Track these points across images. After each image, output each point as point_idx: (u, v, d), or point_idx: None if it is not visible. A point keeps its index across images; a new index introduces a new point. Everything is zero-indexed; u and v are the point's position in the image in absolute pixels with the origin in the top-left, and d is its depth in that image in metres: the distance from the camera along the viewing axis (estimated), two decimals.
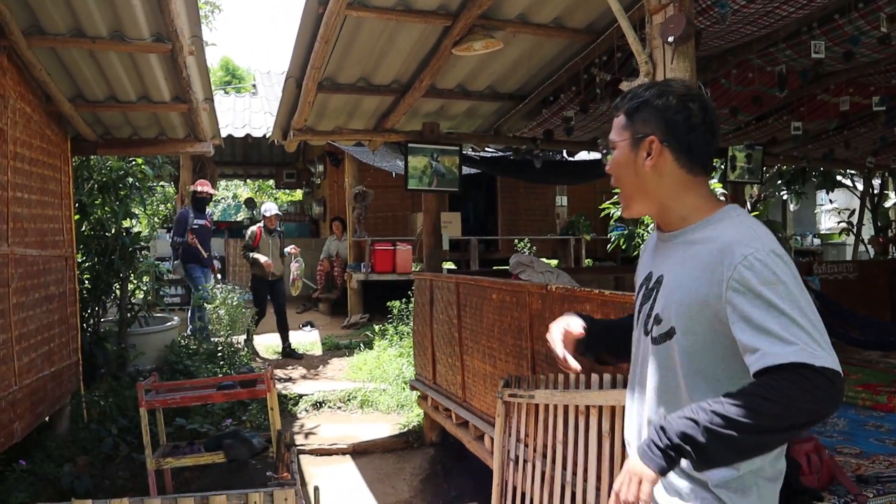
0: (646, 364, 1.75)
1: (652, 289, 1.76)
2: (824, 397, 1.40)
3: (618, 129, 1.78)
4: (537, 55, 5.33)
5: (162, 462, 5.00)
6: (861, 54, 4.82)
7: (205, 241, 9.47)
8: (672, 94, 1.70)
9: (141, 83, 5.86)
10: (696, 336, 1.60)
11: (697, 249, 1.64)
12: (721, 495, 1.59)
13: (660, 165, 1.70)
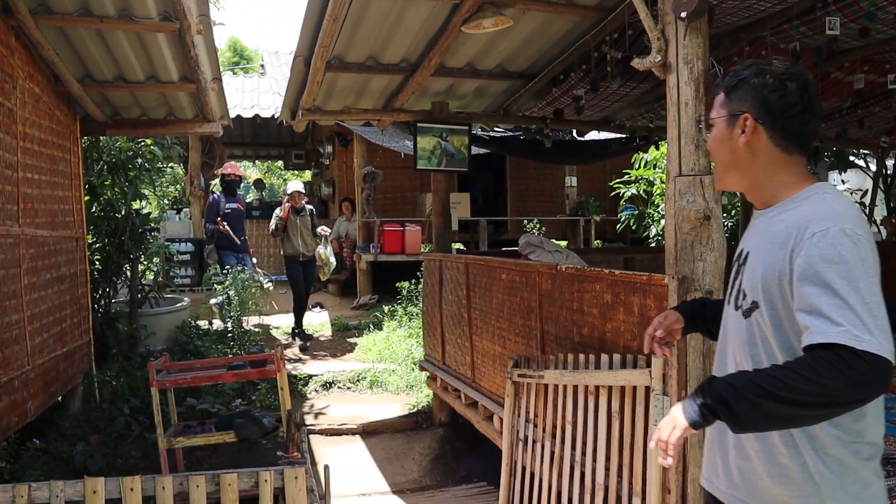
0: (736, 336, 1.78)
1: (741, 264, 1.80)
2: (861, 381, 1.40)
3: (716, 107, 1.81)
4: (547, 33, 5.28)
5: (173, 441, 5.04)
6: (877, 31, 4.73)
7: (238, 225, 9.42)
8: (770, 72, 1.71)
9: (149, 63, 5.84)
10: (775, 310, 1.64)
11: (777, 225, 1.67)
12: (818, 475, 1.61)
13: (753, 143, 1.73)
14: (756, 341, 1.70)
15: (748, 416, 1.50)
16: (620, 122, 7.04)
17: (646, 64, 3.04)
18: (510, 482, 4.14)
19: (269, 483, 2.73)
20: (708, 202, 2.87)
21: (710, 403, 1.53)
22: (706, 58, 2.92)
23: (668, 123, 2.98)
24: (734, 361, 1.78)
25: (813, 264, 1.52)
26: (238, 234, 9.37)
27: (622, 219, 11.25)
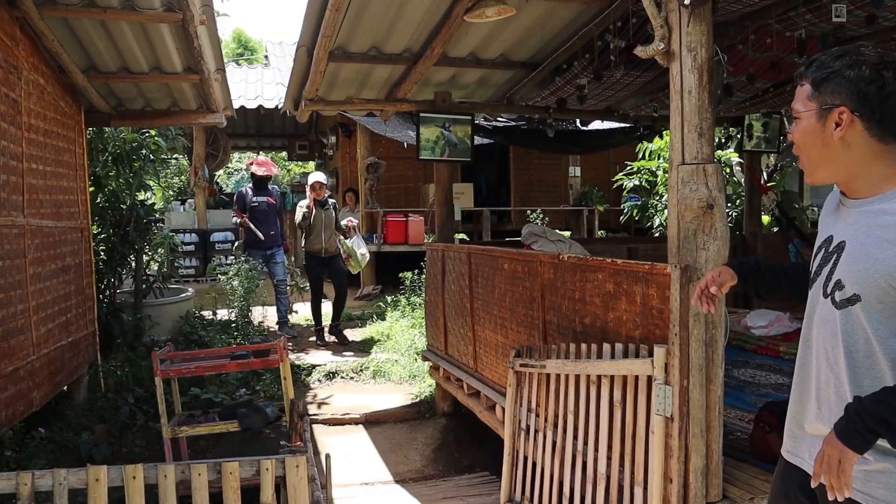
0: (828, 325, 1.78)
1: (832, 252, 1.78)
2: None
3: (803, 99, 1.77)
4: (550, 22, 5.25)
5: (177, 431, 5.06)
6: (885, 18, 4.69)
7: (267, 221, 8.82)
8: (865, 63, 1.67)
9: (153, 54, 5.84)
10: (884, 304, 1.64)
11: (886, 221, 1.66)
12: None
13: (849, 136, 1.70)
14: (854, 332, 1.71)
15: None
16: (624, 112, 7.02)
17: (649, 52, 3.03)
18: (512, 471, 4.15)
19: (270, 471, 2.74)
20: (711, 191, 2.86)
21: (873, 427, 1.55)
22: (710, 45, 2.91)
23: (671, 112, 2.97)
24: (824, 351, 1.80)
25: None
26: (267, 230, 8.76)
27: (626, 209, 11.22)
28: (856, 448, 1.59)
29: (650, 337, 3.08)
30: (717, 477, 2.99)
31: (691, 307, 2.84)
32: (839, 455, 1.61)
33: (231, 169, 22.00)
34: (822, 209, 2.02)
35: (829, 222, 1.90)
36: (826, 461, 1.64)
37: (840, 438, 1.61)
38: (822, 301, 1.80)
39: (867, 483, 1.71)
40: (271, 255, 8.87)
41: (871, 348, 1.68)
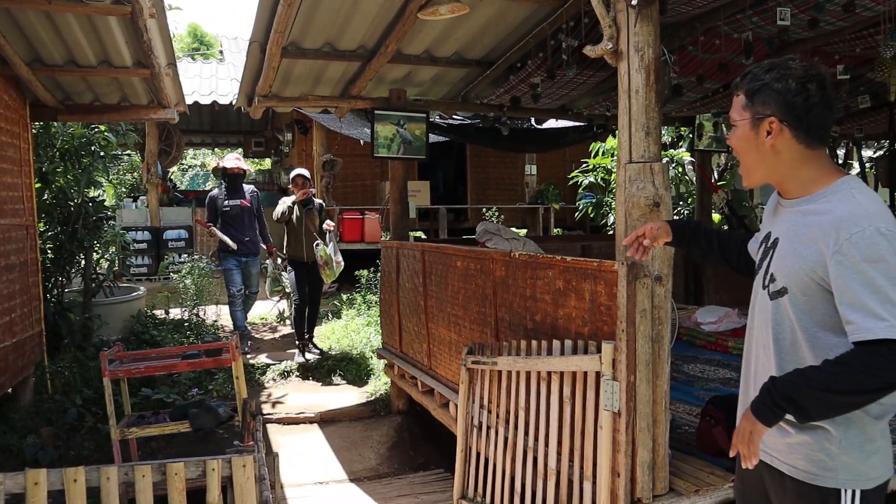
0: (763, 313, 1.96)
1: (769, 248, 1.96)
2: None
3: (738, 109, 1.92)
4: (504, 20, 5.27)
5: (126, 432, 4.97)
6: (826, 22, 4.83)
7: (241, 226, 7.94)
8: (792, 76, 1.82)
9: (101, 47, 5.71)
10: (807, 297, 1.80)
11: (811, 220, 1.81)
12: (828, 426, 1.81)
13: (779, 143, 1.85)
14: (781, 321, 1.88)
15: (814, 409, 1.72)
16: (578, 111, 7.08)
17: (597, 51, 3.06)
18: (465, 468, 4.16)
19: (216, 472, 2.70)
20: (657, 189, 2.91)
21: (781, 403, 1.73)
22: (657, 45, 2.95)
23: (619, 111, 3.01)
24: (762, 339, 1.97)
25: (854, 263, 1.67)
26: (240, 236, 7.88)
27: (580, 207, 11.33)
28: (765, 422, 1.77)
29: (599, 333, 3.12)
30: (663, 470, 3.04)
31: (638, 303, 2.88)
32: (751, 427, 1.80)
33: (185, 165, 21.69)
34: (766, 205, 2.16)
35: (769, 220, 2.05)
36: (741, 433, 1.83)
37: (753, 413, 1.79)
38: (761, 292, 1.98)
39: (790, 455, 1.89)
40: (246, 264, 8.05)
41: (795, 337, 1.85)
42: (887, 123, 7.59)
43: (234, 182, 8.01)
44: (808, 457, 1.85)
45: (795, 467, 1.88)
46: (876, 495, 1.86)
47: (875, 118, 7.77)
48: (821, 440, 1.83)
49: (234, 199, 7.94)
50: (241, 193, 8.03)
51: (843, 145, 10.71)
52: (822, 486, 1.84)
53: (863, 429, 1.81)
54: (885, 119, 7.57)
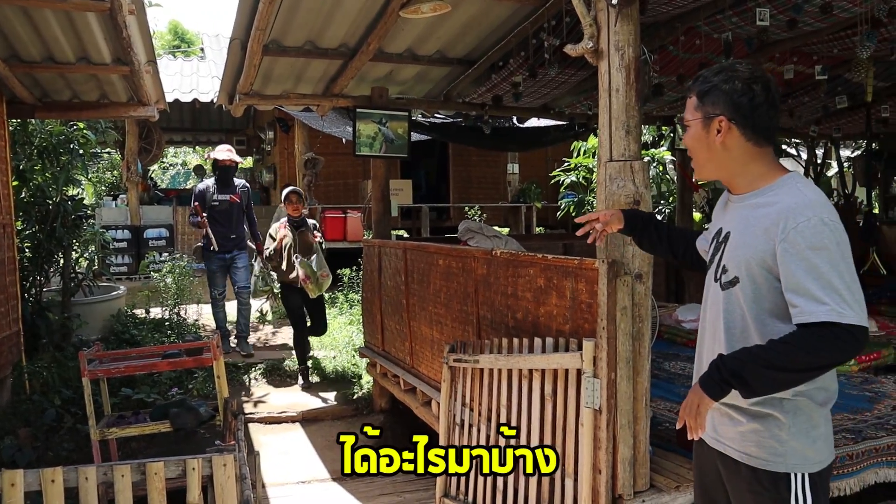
0: (716, 305, 2.06)
1: (721, 242, 2.06)
2: (845, 348, 1.75)
3: (690, 110, 2.07)
4: (486, 19, 5.28)
5: (106, 432, 4.92)
6: (804, 23, 4.88)
7: (228, 222, 7.60)
8: (738, 78, 1.96)
9: (79, 43, 5.64)
10: (757, 285, 1.91)
11: (760, 213, 1.93)
12: (778, 414, 1.92)
13: (728, 141, 1.98)
14: (733, 310, 1.98)
15: (758, 384, 1.82)
16: (560, 110, 7.10)
17: (578, 50, 3.07)
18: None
19: (196, 471, 2.68)
20: (638, 187, 2.92)
21: (726, 378, 1.83)
22: (637, 45, 2.97)
23: (600, 109, 3.02)
24: (711, 327, 2.08)
25: (800, 251, 1.79)
26: (227, 232, 7.53)
27: (562, 206, 11.36)
28: (712, 395, 1.88)
29: (579, 331, 3.13)
30: (644, 467, 3.06)
31: (618, 301, 2.89)
32: (699, 401, 1.90)
33: (166, 164, 21.53)
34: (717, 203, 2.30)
35: (720, 216, 2.17)
36: (688, 406, 1.93)
37: (702, 387, 1.90)
38: (713, 285, 2.08)
39: (742, 443, 1.99)
40: (232, 260, 7.68)
41: (745, 325, 1.95)
42: (864, 123, 7.67)
43: (225, 175, 7.61)
44: (760, 444, 1.95)
45: (748, 454, 1.97)
46: (822, 478, 1.97)
47: (852, 118, 7.86)
48: (771, 427, 1.93)
49: (223, 193, 7.56)
50: (231, 188, 7.64)
51: (821, 145, 10.82)
52: (773, 470, 1.93)
53: (809, 415, 1.93)
54: (862, 119, 7.66)
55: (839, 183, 10.57)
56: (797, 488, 1.92)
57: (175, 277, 8.16)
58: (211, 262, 7.55)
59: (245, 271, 7.83)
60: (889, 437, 3.57)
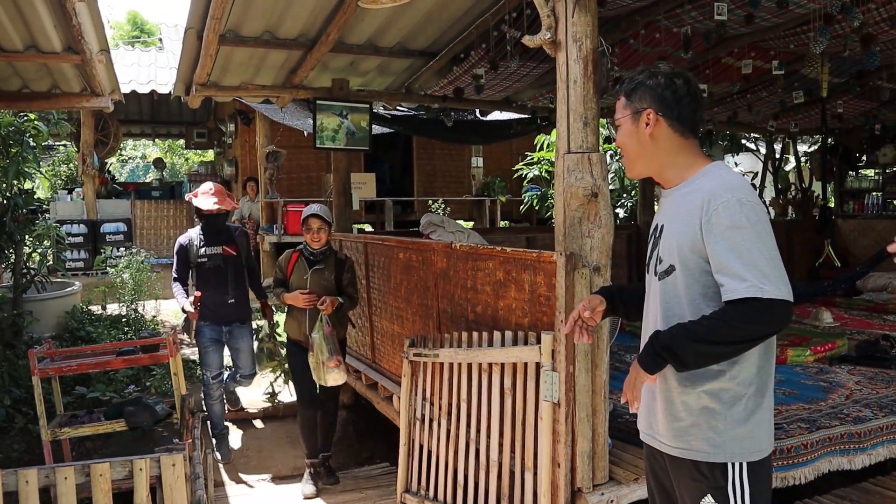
0: (653, 298, 2.12)
1: (657, 237, 2.12)
2: (769, 321, 1.82)
3: (620, 109, 2.14)
4: (447, 10, 5.23)
5: (58, 432, 4.80)
6: (761, 18, 4.93)
7: (222, 283, 5.44)
8: (660, 74, 2.07)
9: (27, 31, 5.46)
10: (690, 270, 1.96)
11: (687, 200, 1.99)
12: (715, 405, 1.97)
13: (657, 133, 2.07)
14: (669, 298, 2.03)
15: (688, 358, 1.88)
16: (523, 103, 7.09)
17: (536, 41, 3.05)
18: (408, 462, 4.13)
19: (144, 471, 2.60)
20: (595, 179, 2.91)
21: (660, 352, 1.90)
22: (595, 36, 2.95)
23: (558, 101, 3.00)
24: (653, 318, 2.11)
25: (721, 230, 1.86)
26: (222, 296, 5.43)
27: (526, 200, 11.38)
28: (647, 370, 1.95)
29: (538, 324, 3.11)
30: (602, 460, 3.06)
31: (577, 293, 2.88)
32: (636, 375, 1.99)
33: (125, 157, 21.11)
34: None
35: (657, 215, 2.23)
36: (629, 381, 2.02)
37: (639, 362, 1.98)
38: (651, 278, 2.14)
39: (683, 439, 2.02)
40: (230, 335, 5.57)
41: (682, 311, 2.00)
42: (820, 119, 7.79)
43: (212, 223, 5.46)
44: (699, 436, 1.99)
45: (688, 448, 2.02)
46: (763, 467, 2.01)
47: (809, 113, 7.99)
48: (709, 419, 1.98)
49: (213, 244, 5.47)
50: (224, 236, 5.54)
51: (779, 140, 10.98)
52: (712, 461, 1.98)
53: (746, 405, 1.97)
54: (818, 114, 7.77)
55: (797, 177, 10.74)
56: (734, 477, 1.97)
57: (132, 273, 7.98)
58: (201, 334, 5.49)
59: (249, 353, 5.72)
60: (842, 426, 3.62)
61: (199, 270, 5.49)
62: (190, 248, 5.48)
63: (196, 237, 5.52)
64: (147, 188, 14.88)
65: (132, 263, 8.05)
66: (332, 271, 4.80)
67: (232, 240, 5.58)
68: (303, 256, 4.84)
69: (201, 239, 5.50)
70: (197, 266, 5.48)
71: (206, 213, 5.40)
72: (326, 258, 4.83)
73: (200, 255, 5.47)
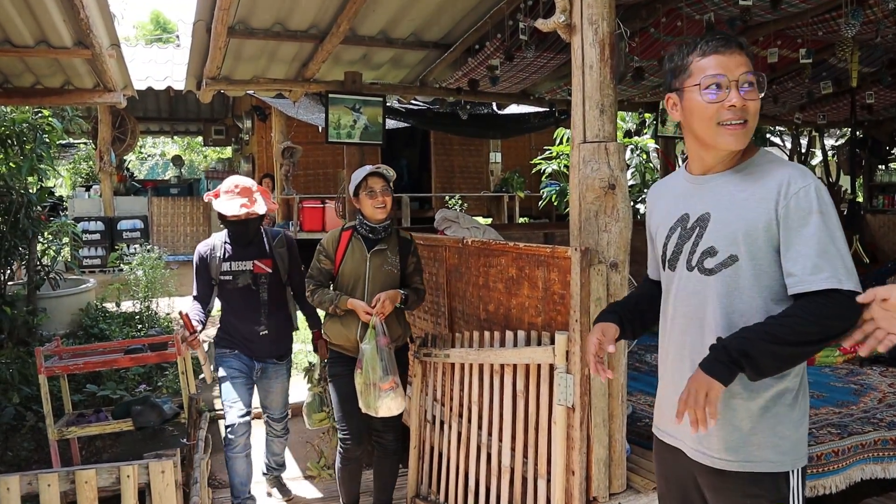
0: (693, 297, 1.91)
1: (694, 226, 1.91)
2: (848, 316, 1.65)
3: (748, 64, 1.85)
4: (460, 0, 5.09)
5: (65, 431, 4.71)
6: (788, 3, 4.72)
7: (251, 307, 4.18)
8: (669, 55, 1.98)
9: (37, 26, 5.41)
10: (757, 259, 1.79)
11: (750, 185, 1.83)
12: (780, 409, 1.83)
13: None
14: (731, 292, 1.83)
15: (767, 363, 1.70)
16: (540, 96, 6.92)
17: (550, 25, 2.89)
18: (419, 464, 4.01)
19: (132, 478, 2.49)
20: (613, 170, 2.74)
21: (735, 359, 1.69)
22: (612, 19, 2.78)
23: (573, 88, 2.84)
24: (697, 321, 1.90)
25: (801, 216, 1.73)
26: (253, 325, 4.18)
27: (544, 195, 11.20)
28: (721, 379, 1.70)
29: (552, 323, 2.96)
30: (620, 467, 2.90)
31: (593, 291, 2.72)
32: (707, 388, 1.70)
33: (144, 154, 21.20)
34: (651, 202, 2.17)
35: (675, 203, 2.01)
36: (692, 396, 1.72)
37: (707, 372, 1.72)
38: (687, 275, 1.93)
39: (745, 450, 1.84)
40: (263, 371, 4.33)
41: (748, 305, 1.81)
42: (849, 110, 7.55)
43: (240, 232, 4.18)
44: (763, 444, 1.83)
45: (748, 461, 1.84)
46: (805, 469, 1.90)
47: (837, 105, 7.73)
48: (774, 425, 1.83)
49: (240, 259, 4.18)
50: (255, 248, 4.23)
51: (805, 134, 10.70)
52: (775, 471, 1.83)
53: (801, 403, 1.86)
54: (846, 106, 7.53)
55: (823, 172, 10.47)
56: (795, 484, 1.84)
57: (146, 270, 7.92)
58: (226, 360, 4.21)
59: (282, 393, 4.49)
60: (875, 432, 3.44)
61: (222, 291, 4.18)
62: (211, 261, 4.16)
63: (219, 246, 4.20)
64: (165, 185, 14.88)
65: (146, 261, 7.99)
66: (396, 253, 3.68)
67: (266, 252, 4.23)
68: (357, 235, 3.67)
69: (226, 250, 4.18)
70: (220, 285, 4.18)
71: (233, 219, 4.10)
72: (389, 236, 3.71)
73: (224, 271, 4.14)
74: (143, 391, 6.02)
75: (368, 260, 3.61)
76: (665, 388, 2.06)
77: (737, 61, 1.83)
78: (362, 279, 3.61)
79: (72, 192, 13.44)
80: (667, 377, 2.05)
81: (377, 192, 3.58)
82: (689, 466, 1.97)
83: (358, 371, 3.49)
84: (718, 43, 1.85)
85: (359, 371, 3.48)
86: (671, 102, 1.95)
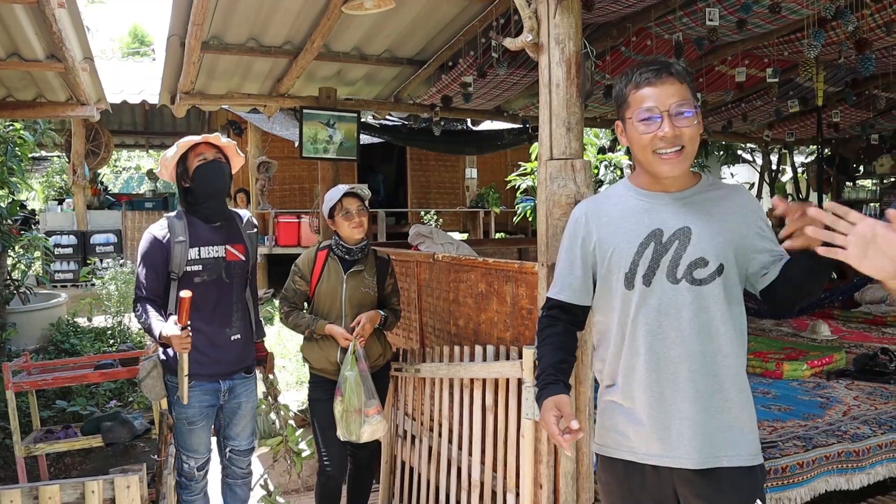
0: (683, 309, 1.89)
1: (670, 241, 1.92)
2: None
3: (687, 94, 1.93)
4: (434, 17, 5.13)
5: (32, 448, 4.66)
6: (754, 24, 4.83)
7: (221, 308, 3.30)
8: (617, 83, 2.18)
9: (9, 38, 5.37)
10: (738, 268, 1.93)
11: (723, 201, 1.98)
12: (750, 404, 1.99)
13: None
14: (728, 298, 1.91)
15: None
16: (513, 112, 7.00)
17: (518, 44, 2.95)
18: (390, 479, 4.01)
19: (96, 494, 2.47)
20: (579, 186, 2.79)
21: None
22: (578, 38, 2.84)
23: (540, 106, 2.89)
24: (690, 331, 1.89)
25: (764, 218, 2.00)
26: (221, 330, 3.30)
27: (519, 210, 11.27)
28: None
29: (520, 338, 2.99)
30: (588, 480, 2.92)
31: None
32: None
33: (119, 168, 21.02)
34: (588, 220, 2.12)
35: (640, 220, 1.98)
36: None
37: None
38: (672, 288, 1.91)
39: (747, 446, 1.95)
40: (231, 392, 3.40)
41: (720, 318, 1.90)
42: (816, 128, 7.70)
43: (216, 185, 3.30)
44: (752, 440, 1.95)
45: (753, 454, 1.94)
46: None
47: (805, 123, 7.89)
48: (751, 414, 1.96)
49: (212, 242, 3.27)
50: (229, 228, 3.39)
51: (775, 151, 10.89)
52: (759, 463, 1.95)
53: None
54: (814, 124, 7.68)
55: (794, 188, 10.65)
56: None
57: (118, 285, 7.85)
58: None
59: (252, 418, 3.55)
60: (839, 444, 3.50)
61: (185, 287, 3.10)
62: (172, 248, 3.17)
63: (179, 229, 3.21)
64: (140, 199, 14.76)
65: (119, 275, 7.92)
66: (374, 275, 3.58)
67: (238, 235, 3.37)
68: (333, 255, 3.56)
69: (186, 230, 3.21)
70: (182, 279, 3.19)
71: (200, 164, 3.21)
72: (366, 256, 3.59)
73: (191, 259, 3.18)
74: (114, 407, 5.96)
75: (345, 282, 3.53)
76: (651, 406, 1.94)
77: (668, 91, 1.90)
78: (339, 301, 3.52)
79: (44, 206, 13.28)
80: (649, 392, 1.94)
81: (353, 212, 3.50)
82: (670, 481, 1.93)
83: (338, 398, 3.37)
84: (651, 74, 1.92)
85: (339, 398, 3.37)
86: (619, 129, 2.08)
